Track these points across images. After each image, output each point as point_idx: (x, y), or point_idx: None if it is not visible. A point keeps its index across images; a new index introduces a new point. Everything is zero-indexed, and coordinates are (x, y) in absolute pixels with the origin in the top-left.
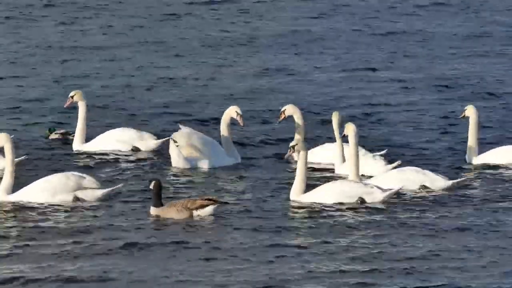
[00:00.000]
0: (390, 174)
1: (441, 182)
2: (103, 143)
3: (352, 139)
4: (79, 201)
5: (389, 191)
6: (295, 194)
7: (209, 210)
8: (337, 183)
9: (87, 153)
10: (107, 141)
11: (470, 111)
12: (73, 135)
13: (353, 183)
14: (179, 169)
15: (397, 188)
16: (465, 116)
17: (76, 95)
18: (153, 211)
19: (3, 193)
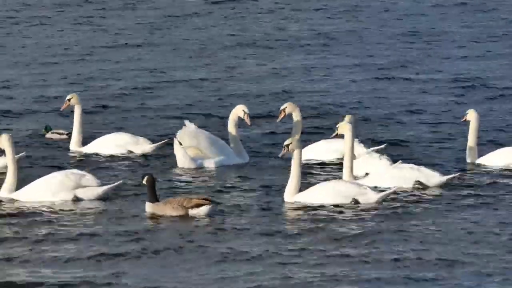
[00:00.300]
0: (385, 171)
1: (436, 178)
2: (99, 147)
3: (348, 139)
4: (80, 200)
5: (384, 192)
6: (290, 194)
7: (204, 209)
8: (331, 183)
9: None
10: (103, 145)
11: (471, 115)
12: (69, 134)
13: (348, 184)
14: (185, 169)
15: (392, 189)
16: (466, 120)
17: (72, 99)
18: (149, 207)
19: (7, 191)
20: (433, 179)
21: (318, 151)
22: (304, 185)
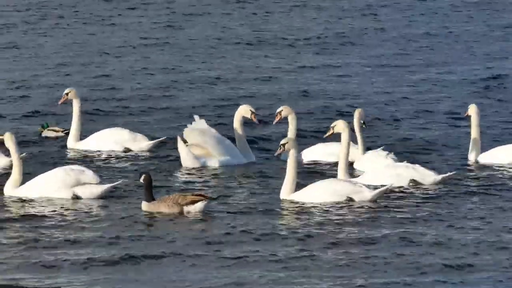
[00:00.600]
0: (381, 169)
1: (431, 177)
2: (96, 142)
3: (344, 137)
4: (79, 197)
5: (378, 190)
6: (286, 193)
7: (199, 206)
8: (327, 182)
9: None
10: (100, 140)
11: (472, 110)
12: (66, 132)
13: (343, 182)
14: (188, 168)
15: (386, 186)
16: (468, 114)
17: (70, 93)
18: (145, 206)
19: (11, 187)
20: (428, 178)
21: (315, 154)
22: (301, 187)
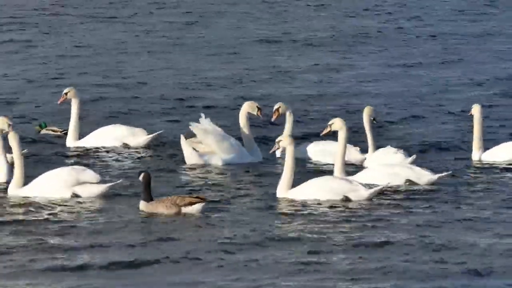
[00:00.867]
0: (377, 168)
1: (427, 176)
2: (95, 140)
3: (342, 135)
4: (80, 197)
5: (374, 189)
6: (282, 190)
7: (197, 207)
8: (323, 180)
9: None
10: (99, 138)
11: (475, 110)
12: (64, 132)
13: (339, 180)
14: (191, 166)
15: (382, 185)
16: (471, 114)
17: (70, 92)
18: (143, 206)
19: (14, 187)
20: (424, 177)
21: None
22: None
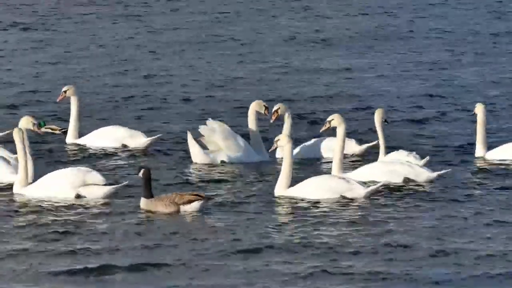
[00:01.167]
0: (375, 166)
1: (425, 174)
2: (95, 139)
3: (340, 132)
4: (84, 198)
5: (372, 187)
6: (281, 189)
7: (196, 205)
8: (321, 179)
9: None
10: (99, 138)
11: (478, 109)
12: (63, 130)
13: (337, 179)
14: (198, 164)
15: (380, 183)
16: (475, 113)
17: (69, 90)
18: (143, 203)
19: (19, 186)
20: (422, 175)
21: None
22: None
